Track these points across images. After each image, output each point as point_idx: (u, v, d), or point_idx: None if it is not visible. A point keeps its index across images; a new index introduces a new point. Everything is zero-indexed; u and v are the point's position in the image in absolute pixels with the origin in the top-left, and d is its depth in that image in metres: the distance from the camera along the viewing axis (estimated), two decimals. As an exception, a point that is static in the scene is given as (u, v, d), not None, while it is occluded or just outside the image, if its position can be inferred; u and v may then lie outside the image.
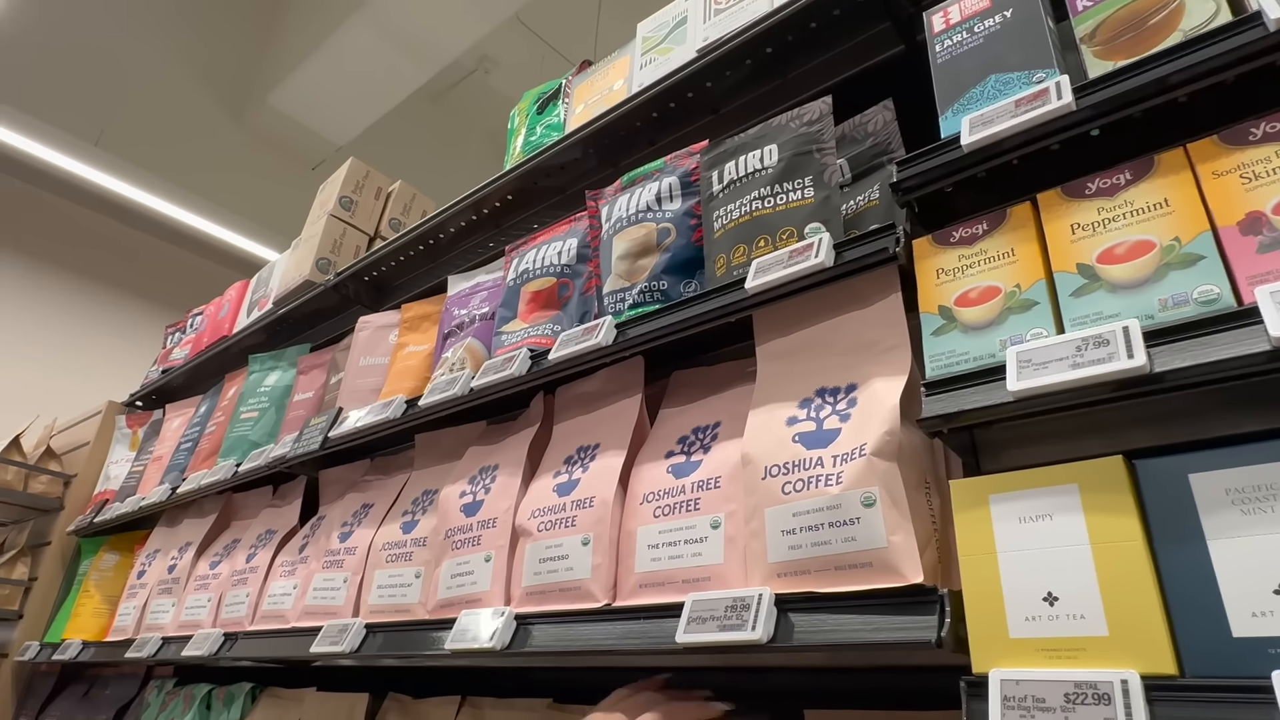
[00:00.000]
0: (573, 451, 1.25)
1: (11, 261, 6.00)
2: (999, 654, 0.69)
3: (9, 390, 5.68)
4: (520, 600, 1.15)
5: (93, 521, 2.58)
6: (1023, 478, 0.74)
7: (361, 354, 1.88)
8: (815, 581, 0.84)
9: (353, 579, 1.50)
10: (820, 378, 0.98)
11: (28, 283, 6.06)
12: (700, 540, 0.98)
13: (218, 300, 2.76)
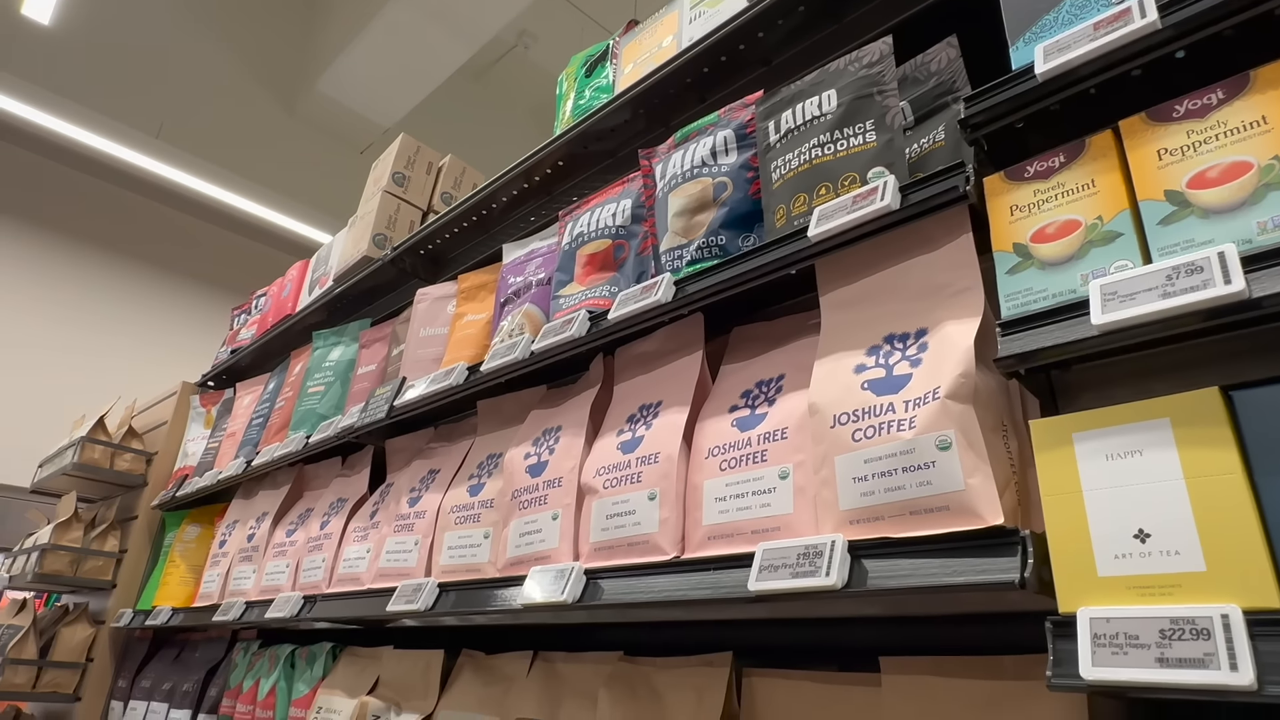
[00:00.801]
0: (635, 410, 1.26)
1: (85, 254, 6.29)
2: (1086, 593, 0.68)
3: (89, 376, 5.98)
4: (588, 556, 1.17)
5: (174, 496, 2.71)
6: (1109, 414, 0.72)
7: (421, 325, 1.91)
8: (889, 527, 0.83)
9: (423, 541, 1.54)
10: (888, 324, 0.96)
11: (102, 273, 6.35)
12: (768, 491, 0.98)
13: (280, 281, 2.85)
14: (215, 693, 2.11)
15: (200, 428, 3.02)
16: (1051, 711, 0.75)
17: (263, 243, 7.17)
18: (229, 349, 3.04)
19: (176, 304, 6.71)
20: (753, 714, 1.02)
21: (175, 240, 6.84)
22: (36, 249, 6.06)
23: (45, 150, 5.96)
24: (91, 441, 2.85)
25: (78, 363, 6.02)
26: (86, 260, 6.28)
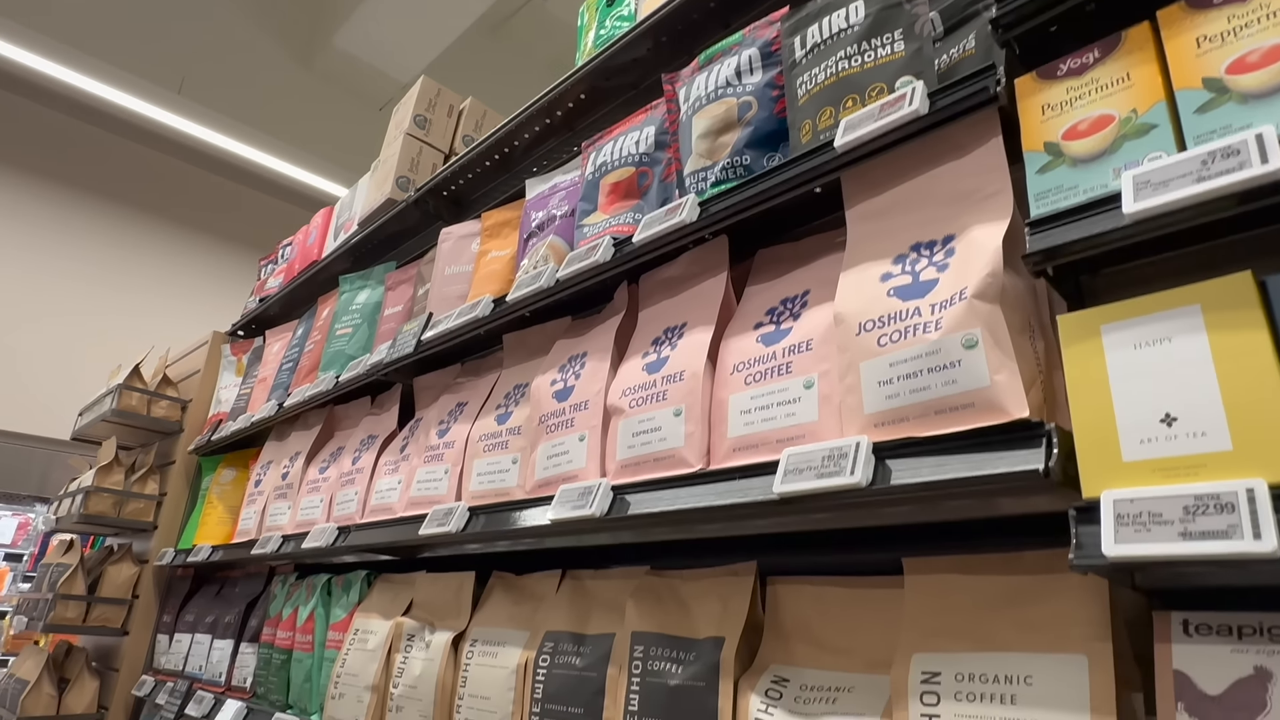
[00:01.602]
0: (659, 333, 1.27)
1: (110, 212, 6.38)
2: (1111, 478, 0.68)
3: (120, 332, 6.10)
4: (615, 473, 1.19)
5: (210, 440, 2.78)
6: (1138, 304, 0.71)
7: (446, 264, 1.93)
8: (914, 428, 0.84)
9: (453, 470, 1.58)
10: (915, 233, 0.96)
11: (128, 232, 6.44)
12: (793, 401, 0.99)
13: (305, 228, 2.87)
14: (256, 623, 2.19)
15: (232, 376, 3.09)
16: (1073, 603, 0.77)
17: (285, 200, 7.23)
18: (257, 298, 3.09)
19: (202, 261, 6.82)
20: (777, 619, 1.05)
21: (199, 198, 6.92)
22: (64, 209, 6.16)
23: (71, 109, 6.02)
24: (129, 389, 2.93)
25: (108, 320, 6.15)
26: (112, 219, 6.37)
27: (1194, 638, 0.68)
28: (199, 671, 2.33)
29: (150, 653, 2.75)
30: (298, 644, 1.88)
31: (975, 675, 0.78)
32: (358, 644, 1.62)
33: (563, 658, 1.21)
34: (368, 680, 1.54)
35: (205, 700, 2.13)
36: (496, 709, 1.27)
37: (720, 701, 0.97)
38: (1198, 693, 0.65)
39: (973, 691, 0.77)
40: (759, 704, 0.94)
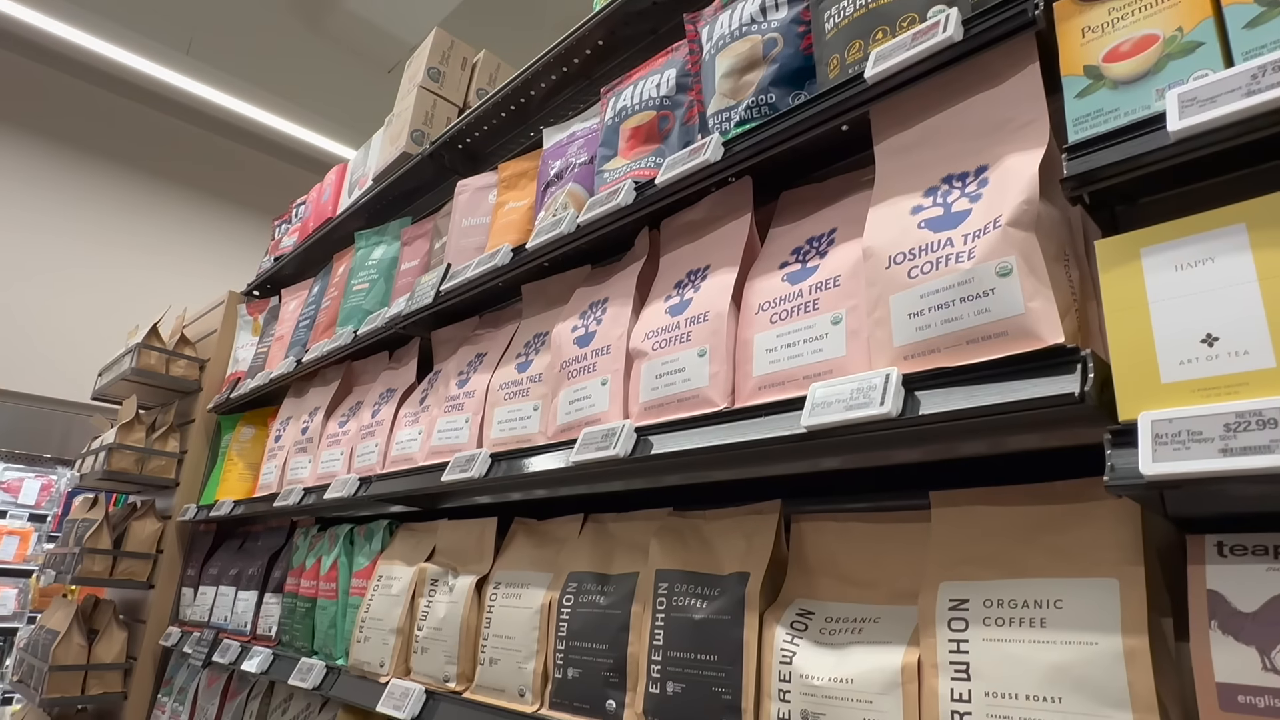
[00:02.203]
0: (682, 276, 1.26)
1: (123, 176, 6.38)
2: (1149, 400, 0.68)
3: (135, 296, 6.14)
4: (638, 415, 1.19)
5: (229, 398, 2.81)
6: (1180, 225, 0.70)
7: (463, 216, 1.92)
8: (945, 359, 0.84)
9: (474, 419, 1.59)
10: (947, 165, 0.94)
11: (142, 195, 6.45)
12: (820, 337, 0.99)
13: (318, 186, 2.86)
14: (279, 574, 2.23)
15: (249, 335, 3.10)
16: (1104, 530, 0.77)
17: (296, 164, 7.21)
18: (272, 258, 3.09)
19: (216, 225, 6.83)
20: (802, 555, 1.06)
21: (210, 162, 6.90)
22: (77, 173, 6.16)
23: (80, 71, 5.99)
24: (147, 348, 2.95)
25: (123, 284, 6.18)
26: (124, 183, 6.38)
27: (1228, 558, 0.68)
28: (224, 622, 2.38)
29: (176, 605, 2.81)
30: (321, 592, 1.91)
31: (1004, 601, 0.78)
32: (381, 590, 1.65)
33: (586, 597, 1.23)
34: (392, 624, 1.57)
35: (231, 649, 2.17)
36: (521, 647, 1.29)
37: (746, 634, 0.98)
38: (1231, 610, 0.65)
39: (1001, 616, 0.78)
40: (784, 635, 0.95)
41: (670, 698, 1.03)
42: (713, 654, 1.00)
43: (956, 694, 0.77)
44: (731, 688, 0.97)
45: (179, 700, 2.52)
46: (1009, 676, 0.74)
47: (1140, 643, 0.68)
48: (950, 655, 0.79)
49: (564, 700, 1.19)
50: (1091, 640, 0.71)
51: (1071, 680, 0.70)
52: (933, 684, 0.79)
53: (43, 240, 5.91)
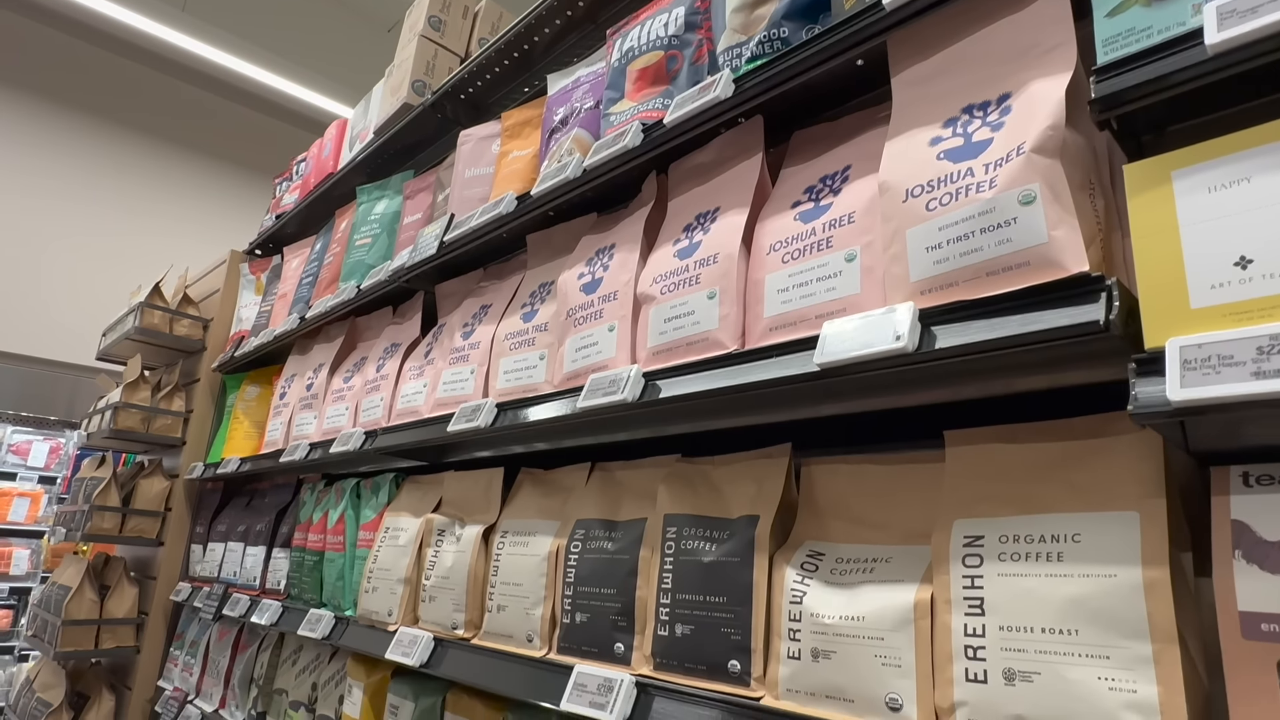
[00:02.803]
0: (691, 220, 1.23)
1: (122, 138, 6.31)
2: (1176, 326, 0.65)
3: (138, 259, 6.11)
4: (646, 361, 1.18)
5: (233, 356, 2.80)
6: (1214, 146, 0.67)
7: (466, 166, 1.89)
8: (964, 292, 0.81)
9: (479, 370, 1.57)
10: (967, 94, 0.91)
11: (141, 157, 6.39)
12: (834, 275, 0.96)
13: (319, 141, 2.82)
14: (286, 530, 2.24)
15: (251, 295, 3.08)
16: (1125, 464, 0.75)
17: (296, 125, 7.13)
18: (273, 215, 3.06)
19: (218, 186, 6.77)
20: (812, 498, 1.05)
21: (210, 123, 6.83)
22: (75, 134, 6.09)
23: (75, 29, 5.89)
24: (150, 306, 2.93)
25: (124, 246, 6.15)
26: (124, 144, 6.31)
27: (1254, 488, 0.67)
28: (233, 577, 2.40)
29: (185, 562, 2.84)
30: (329, 545, 1.92)
31: (1020, 536, 0.77)
32: (389, 541, 1.65)
33: (594, 543, 1.22)
34: (400, 574, 1.57)
35: (241, 602, 2.19)
36: (529, 594, 1.29)
37: (755, 575, 0.97)
38: (1256, 539, 0.64)
39: (1017, 552, 0.76)
40: (794, 576, 0.94)
41: (679, 639, 1.03)
42: (722, 595, 1.00)
43: (970, 629, 0.76)
44: (741, 628, 0.96)
45: (191, 653, 2.56)
46: (1024, 610, 0.73)
47: (1161, 574, 0.67)
48: (964, 591, 0.78)
49: (572, 644, 1.19)
50: (1110, 573, 0.70)
51: (1088, 612, 0.69)
52: (946, 620, 0.78)
53: (41, 203, 5.86)
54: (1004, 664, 0.73)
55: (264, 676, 2.12)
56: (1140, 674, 0.65)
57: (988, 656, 0.74)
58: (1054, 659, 0.70)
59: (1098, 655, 0.68)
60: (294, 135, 7.20)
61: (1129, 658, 0.66)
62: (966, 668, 0.75)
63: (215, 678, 2.36)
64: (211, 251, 6.24)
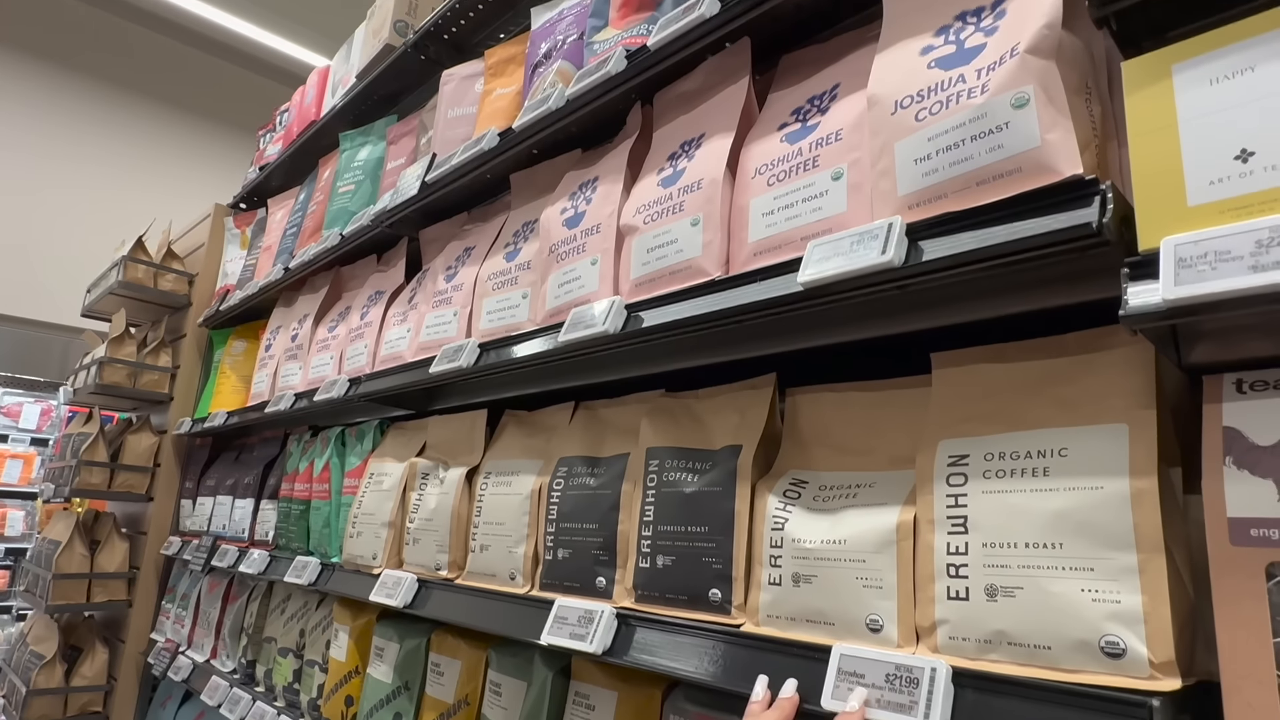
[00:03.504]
0: (676, 148, 1.19)
1: (109, 95, 6.18)
2: (1173, 225, 0.63)
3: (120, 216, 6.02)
4: (629, 293, 1.14)
5: (218, 310, 2.76)
6: (1218, 36, 0.64)
7: (449, 107, 1.83)
8: (953, 203, 0.78)
9: (462, 312, 1.54)
10: (960, 2, 0.87)
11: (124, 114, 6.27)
12: (820, 195, 0.93)
13: (301, 89, 2.75)
14: (274, 481, 2.23)
15: (236, 249, 3.04)
16: (1115, 376, 0.73)
17: (278, 80, 7.00)
18: (257, 168, 3.00)
19: (205, 145, 6.66)
20: (795, 428, 1.02)
21: (196, 79, 6.69)
22: (53, 90, 5.97)
23: (52, -16, 5.74)
24: (133, 261, 2.89)
25: (109, 204, 6.06)
26: (104, 99, 6.19)
27: (1247, 395, 0.64)
28: (222, 530, 2.40)
29: (175, 517, 2.83)
30: (315, 494, 1.90)
31: (1006, 453, 0.75)
32: (373, 486, 1.63)
33: (577, 479, 1.20)
34: (384, 517, 1.56)
35: (230, 553, 2.19)
36: (511, 532, 1.27)
37: (737, 504, 0.96)
38: (1248, 444, 0.62)
39: (1002, 469, 0.74)
40: (776, 504, 0.92)
41: (660, 570, 1.01)
42: (703, 526, 0.98)
43: (953, 547, 0.74)
44: (722, 557, 0.95)
45: (182, 606, 2.56)
46: (1008, 526, 0.71)
47: (1148, 484, 0.65)
48: (948, 510, 0.76)
49: (554, 580, 1.18)
50: (1097, 485, 0.67)
51: (1073, 525, 0.67)
52: (928, 539, 0.77)
53: (24, 162, 5.76)
54: (986, 580, 0.71)
55: (253, 626, 2.12)
56: (1124, 584, 0.63)
57: (970, 574, 0.72)
58: (1037, 573, 0.68)
59: (1082, 568, 0.66)
60: (279, 92, 7.06)
61: (1113, 569, 0.64)
62: (948, 586, 0.73)
63: (206, 629, 2.36)
64: (198, 209, 6.16)
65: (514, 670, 1.26)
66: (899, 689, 0.69)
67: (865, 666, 0.73)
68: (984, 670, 0.68)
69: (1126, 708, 0.60)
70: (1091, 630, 0.64)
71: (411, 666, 1.45)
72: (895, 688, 0.70)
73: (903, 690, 0.69)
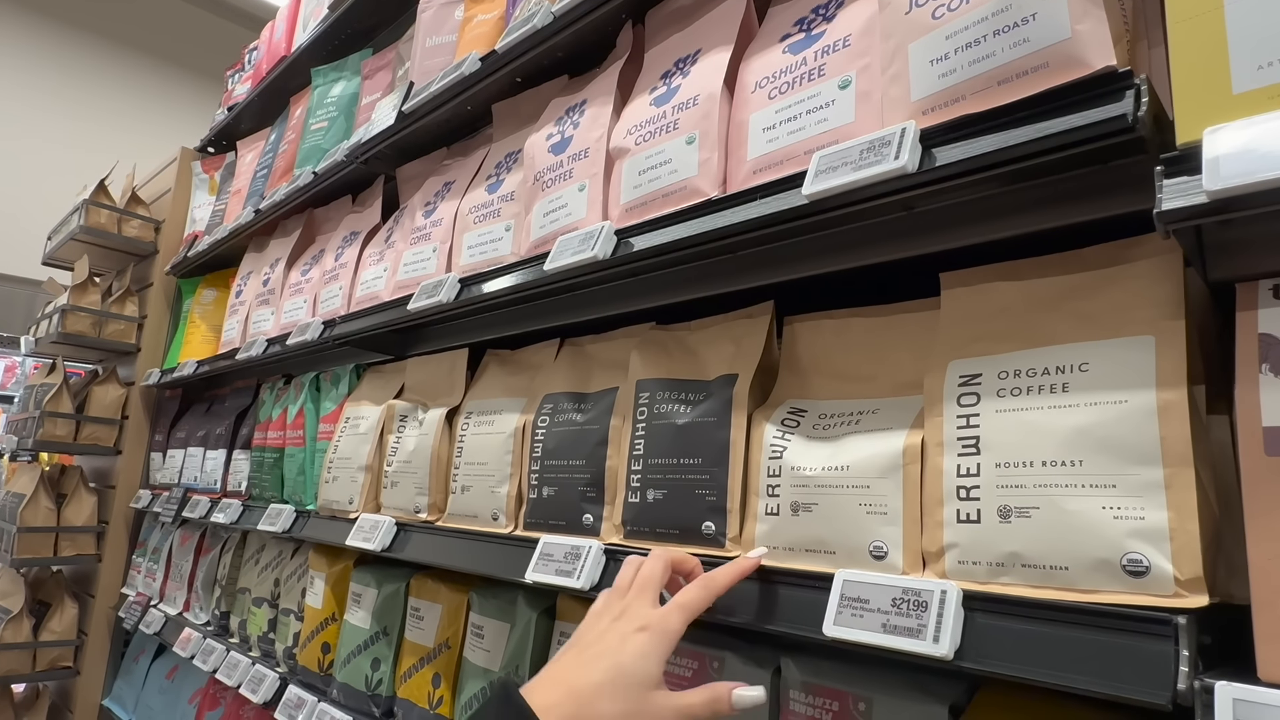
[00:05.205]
0: (670, 66, 1.12)
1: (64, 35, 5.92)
2: (1215, 115, 0.58)
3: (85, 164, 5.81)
4: (620, 219, 1.09)
5: (186, 257, 2.66)
6: (1271, -92, 0.58)
7: (427, 35, 1.74)
8: (971, 105, 0.73)
9: (441, 248, 1.47)
10: (982, -109, 0.80)
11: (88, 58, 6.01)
12: (826, 106, 0.87)
13: (270, 24, 2.62)
14: (247, 431, 2.16)
15: (205, 195, 2.92)
16: (1140, 288, 0.69)
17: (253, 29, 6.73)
18: (225, 109, 2.87)
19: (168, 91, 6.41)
20: (794, 357, 0.98)
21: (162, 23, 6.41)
22: (16, 34, 5.69)
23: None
24: (95, 204, 2.76)
25: (73, 153, 5.84)
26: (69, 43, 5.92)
27: (1285, 300, 0.60)
28: (194, 482, 2.32)
29: (145, 470, 2.75)
30: (289, 441, 1.84)
31: (1021, 371, 0.71)
32: (349, 430, 1.58)
33: (562, 416, 1.16)
34: (361, 461, 1.50)
35: (201, 504, 2.12)
36: (494, 472, 1.23)
37: (733, 434, 0.91)
38: (1287, 351, 0.58)
39: (1018, 386, 0.70)
40: (774, 433, 0.88)
41: (651, 505, 0.97)
42: (696, 457, 0.94)
43: (964, 469, 0.70)
44: (716, 489, 0.90)
45: (153, 560, 2.50)
46: (1023, 445, 0.67)
47: (1177, 395, 0.61)
48: (958, 431, 0.72)
49: (539, 520, 1.13)
50: (1120, 399, 0.64)
51: (1094, 441, 0.64)
52: (937, 462, 0.73)
53: (-17, 108, 5.52)
54: (999, 502, 0.67)
55: (227, 577, 2.07)
56: (1149, 500, 0.60)
57: (981, 496, 0.69)
58: (1054, 492, 0.64)
59: (1103, 485, 0.62)
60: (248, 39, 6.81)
61: (1137, 484, 0.61)
62: (958, 509, 0.70)
63: (179, 582, 2.31)
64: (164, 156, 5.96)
65: (496, 612, 1.23)
66: (906, 613, 0.66)
67: (870, 591, 0.69)
68: (996, 592, 0.64)
69: (1150, 625, 0.56)
70: (1112, 548, 0.60)
71: (390, 611, 1.41)
72: (903, 612, 0.66)
73: (910, 614, 0.66)
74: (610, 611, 0.71)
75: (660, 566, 0.75)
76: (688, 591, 0.73)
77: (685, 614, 0.70)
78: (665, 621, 0.69)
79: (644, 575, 0.74)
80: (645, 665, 0.65)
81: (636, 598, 0.71)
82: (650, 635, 0.67)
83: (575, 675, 0.64)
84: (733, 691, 0.66)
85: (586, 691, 0.62)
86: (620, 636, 0.67)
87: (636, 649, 0.66)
